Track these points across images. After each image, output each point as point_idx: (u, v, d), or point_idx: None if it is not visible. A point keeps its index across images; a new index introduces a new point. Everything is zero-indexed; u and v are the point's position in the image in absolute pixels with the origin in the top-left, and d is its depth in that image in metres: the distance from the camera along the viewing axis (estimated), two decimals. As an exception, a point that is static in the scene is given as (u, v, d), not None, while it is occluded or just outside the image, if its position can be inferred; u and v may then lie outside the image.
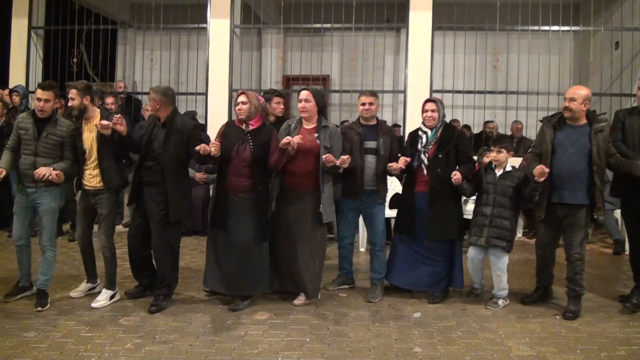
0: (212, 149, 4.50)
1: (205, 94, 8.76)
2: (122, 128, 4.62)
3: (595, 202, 4.63)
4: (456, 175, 4.76)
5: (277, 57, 9.79)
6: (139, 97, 9.40)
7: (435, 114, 4.96)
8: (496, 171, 4.91)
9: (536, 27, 8.48)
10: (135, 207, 5.01)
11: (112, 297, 4.94)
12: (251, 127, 4.75)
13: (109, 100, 7.70)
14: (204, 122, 8.43)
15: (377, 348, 4.13)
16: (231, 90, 8.68)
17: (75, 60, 8.97)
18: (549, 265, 5.00)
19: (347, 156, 4.74)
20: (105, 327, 4.46)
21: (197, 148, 4.49)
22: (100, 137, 4.69)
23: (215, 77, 8.67)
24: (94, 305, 4.81)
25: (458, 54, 8.64)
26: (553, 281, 5.09)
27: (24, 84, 8.68)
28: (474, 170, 5.03)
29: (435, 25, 8.36)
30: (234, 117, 8.66)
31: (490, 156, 4.99)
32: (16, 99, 7.42)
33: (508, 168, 4.90)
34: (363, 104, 5.09)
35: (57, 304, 4.92)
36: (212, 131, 7.31)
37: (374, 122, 5.16)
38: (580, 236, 4.69)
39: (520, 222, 7.63)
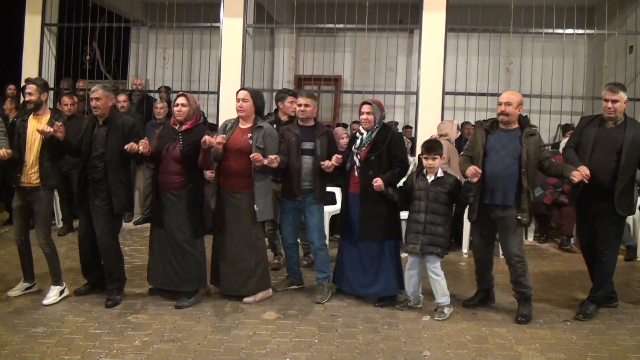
0: (141, 147, 4.66)
1: (217, 93, 8.76)
2: (60, 135, 4.71)
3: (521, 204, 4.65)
4: (377, 182, 4.72)
5: (289, 57, 9.77)
6: (153, 95, 9.41)
7: (371, 117, 4.93)
8: (428, 177, 4.83)
9: (550, 30, 8.42)
10: (80, 211, 5.05)
11: (61, 292, 4.94)
12: (184, 128, 4.86)
13: (121, 98, 7.71)
14: (215, 122, 8.44)
15: (385, 351, 4.11)
16: (243, 89, 8.65)
17: (87, 57, 8.99)
18: (488, 269, 5.00)
19: (275, 156, 4.77)
20: (114, 324, 4.47)
21: (126, 147, 4.64)
22: (45, 138, 4.77)
23: (227, 76, 8.66)
24: (45, 302, 4.81)
25: (471, 56, 8.61)
26: (494, 284, 5.09)
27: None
28: (402, 176, 4.99)
29: (448, 26, 8.31)
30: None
31: (425, 163, 4.85)
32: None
33: (439, 174, 4.83)
34: (299, 105, 5.11)
35: (66, 300, 4.94)
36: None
37: (311, 123, 5.17)
38: (516, 238, 4.70)
39: (532, 226, 7.58)
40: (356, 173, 4.95)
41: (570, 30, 8.47)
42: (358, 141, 4.99)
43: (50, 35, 9.27)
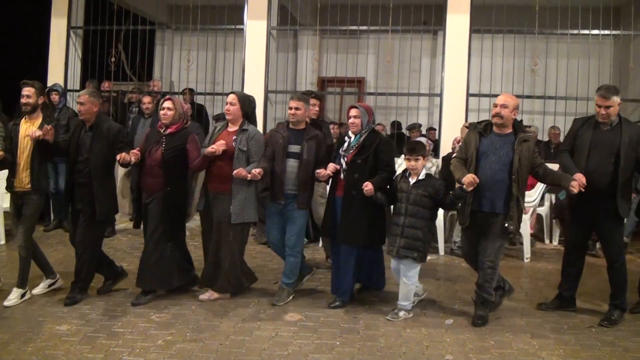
0: (132, 158, 4.77)
1: (241, 94, 8.79)
2: (49, 138, 4.80)
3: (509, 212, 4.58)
4: (368, 187, 4.66)
5: (312, 59, 9.78)
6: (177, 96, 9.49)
7: (358, 120, 4.88)
8: (410, 179, 4.76)
9: (575, 31, 8.31)
10: (71, 213, 5.15)
11: (22, 295, 4.96)
12: (168, 131, 4.94)
13: (146, 99, 7.79)
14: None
15: (407, 354, 4.09)
16: (267, 91, 8.72)
17: (113, 59, 9.10)
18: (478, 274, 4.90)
19: (259, 170, 4.78)
20: (137, 323, 4.52)
21: (118, 158, 4.76)
22: (37, 142, 4.85)
23: (251, 78, 8.71)
24: (6, 304, 4.84)
25: (496, 58, 8.53)
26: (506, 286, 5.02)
27: (62, 83, 8.84)
28: (389, 180, 4.90)
29: (472, 28, 8.25)
30: (268, 118, 8.77)
31: (407, 165, 4.79)
32: (55, 97, 7.58)
33: (422, 176, 4.74)
34: (290, 108, 5.12)
35: (90, 299, 5.01)
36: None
37: (302, 126, 5.14)
38: (495, 244, 4.62)
39: (557, 230, 7.49)
40: (342, 176, 4.93)
41: (595, 31, 8.36)
42: (345, 144, 4.97)
43: (76, 38, 9.39)
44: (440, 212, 6.77)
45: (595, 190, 4.57)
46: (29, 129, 4.88)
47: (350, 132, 4.98)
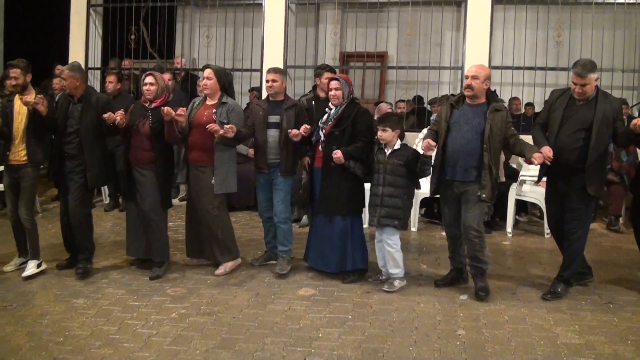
0: (118, 117, 4.80)
1: (260, 70, 8.76)
2: (42, 108, 4.85)
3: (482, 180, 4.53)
4: (337, 154, 4.69)
5: (332, 33, 9.68)
6: (197, 73, 9.50)
7: (339, 92, 4.90)
8: (386, 150, 4.77)
9: (601, 0, 8.05)
10: (60, 187, 5.24)
11: (38, 265, 5.07)
12: (153, 105, 5.02)
13: (166, 76, 7.79)
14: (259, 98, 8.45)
15: (419, 329, 4.08)
16: (286, 66, 8.66)
17: (133, 37, 9.12)
18: (459, 246, 4.85)
19: (230, 126, 4.87)
20: (152, 296, 4.59)
21: (105, 116, 4.78)
22: (31, 115, 4.92)
23: (270, 53, 8.66)
24: (24, 274, 4.95)
25: (519, 29, 8.32)
26: (466, 262, 4.88)
27: (83, 61, 8.91)
28: (366, 150, 4.88)
29: (495, -1, 8.05)
30: (288, 94, 8.72)
31: (378, 135, 4.80)
32: None
33: (397, 146, 4.75)
34: (267, 81, 5.19)
35: (107, 273, 5.11)
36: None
37: (280, 97, 5.21)
38: (475, 213, 4.58)
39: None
40: (320, 147, 4.96)
41: (622, 0, 8.08)
42: (325, 116, 5.00)
43: (96, 15, 9.43)
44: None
45: (565, 166, 4.50)
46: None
47: (330, 104, 5.00)
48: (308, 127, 4.95)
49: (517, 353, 3.73)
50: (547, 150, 4.41)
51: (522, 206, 7.32)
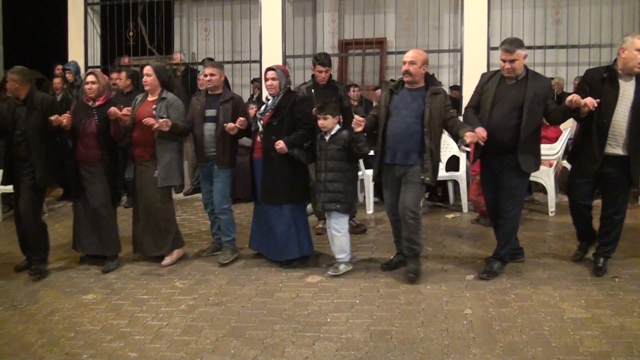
0: (64, 120, 4.88)
1: (260, 61, 8.77)
2: None
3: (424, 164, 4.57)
4: (279, 145, 4.77)
5: (330, 21, 9.67)
6: (196, 67, 9.51)
7: (275, 82, 4.97)
8: (326, 137, 4.83)
9: (599, -24, 8.01)
10: (15, 190, 5.26)
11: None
12: (97, 103, 5.11)
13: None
14: (260, 91, 8.47)
15: (426, 310, 4.11)
16: (285, 56, 8.66)
17: (131, 34, 9.14)
18: (402, 231, 4.84)
19: (164, 120, 4.95)
20: (161, 290, 4.64)
21: (51, 118, 4.86)
22: None
23: (268, 44, 8.66)
24: None
25: (517, 9, 8.29)
26: None
27: (82, 60, 8.95)
28: (308, 137, 4.95)
29: (492, -21, 8.01)
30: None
31: (318, 123, 4.86)
32: (69, 75, 7.75)
33: (334, 131, 4.82)
34: (205, 75, 5.26)
35: (118, 269, 5.15)
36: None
37: (218, 91, 5.27)
38: (413, 195, 4.60)
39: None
40: (259, 138, 5.00)
41: (620, -25, 8.04)
42: (263, 107, 5.06)
43: (93, 14, 9.44)
44: (463, 169, 6.73)
45: (499, 145, 4.52)
46: None
47: (268, 95, 5.06)
48: (243, 119, 5.00)
49: (524, 329, 3.76)
50: (481, 131, 4.42)
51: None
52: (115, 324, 4.04)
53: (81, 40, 9.32)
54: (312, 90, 5.84)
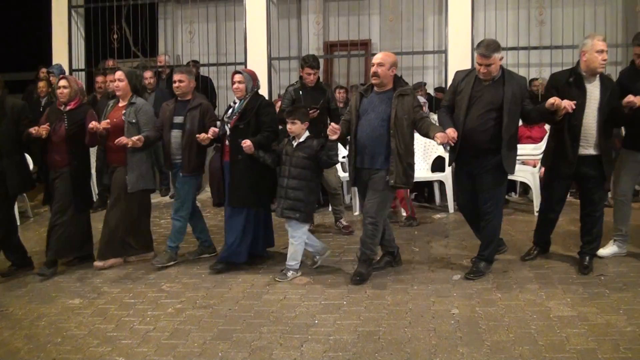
0: (43, 132, 4.90)
1: (245, 63, 8.75)
2: None
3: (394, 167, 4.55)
4: (246, 143, 4.75)
5: (315, 23, 9.68)
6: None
7: (242, 86, 4.97)
8: (293, 142, 4.84)
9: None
10: None
11: None
12: (68, 108, 5.12)
13: (147, 74, 7.83)
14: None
15: (414, 310, 4.13)
16: (270, 58, 8.66)
17: (115, 36, 9.09)
18: (385, 230, 4.87)
19: (138, 137, 5.00)
20: (148, 293, 4.61)
21: (31, 130, 4.89)
22: None
23: (253, 46, 8.65)
24: None
25: (501, 10, 8.35)
26: (396, 245, 5.02)
27: (66, 63, 8.89)
28: (272, 139, 4.97)
29: (475, -20, 8.07)
30: (273, 86, 8.74)
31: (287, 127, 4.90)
32: (53, 79, 7.71)
33: (302, 139, 4.83)
34: (174, 82, 5.23)
35: (101, 272, 5.12)
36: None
37: (188, 97, 5.24)
38: (376, 200, 4.62)
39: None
40: (227, 142, 4.99)
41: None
42: (230, 110, 5.05)
43: (77, 17, 9.38)
44: (448, 170, 6.76)
45: (477, 147, 4.54)
46: None
47: (235, 98, 5.05)
48: (216, 130, 4.99)
49: (511, 328, 3.79)
50: (452, 132, 4.43)
51: (512, 186, 7.39)
52: (102, 329, 4.00)
53: (65, 43, 9.25)
54: (300, 92, 5.85)
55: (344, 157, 5.87)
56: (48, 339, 3.89)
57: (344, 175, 6.56)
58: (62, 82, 5.15)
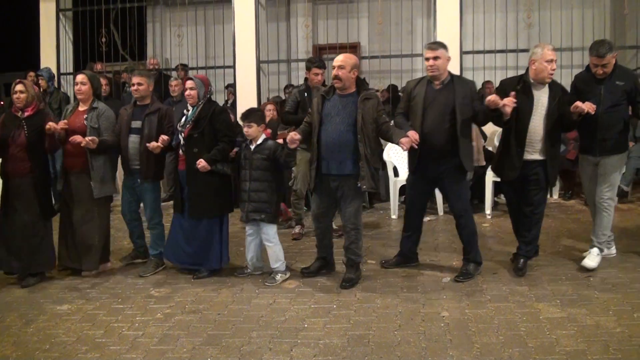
0: (61, 130, 4.85)
1: (233, 67, 8.75)
2: None
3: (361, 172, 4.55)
4: (200, 164, 4.71)
5: (304, 26, 9.69)
6: (169, 73, 9.46)
7: (194, 92, 4.86)
8: (251, 146, 4.83)
9: (569, -20, 8.13)
10: None
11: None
12: (26, 114, 4.94)
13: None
14: (234, 97, 8.44)
15: (403, 313, 4.12)
16: (259, 61, 8.65)
17: (104, 40, 9.05)
18: (326, 236, 4.91)
19: (91, 138, 4.84)
20: (136, 299, 4.58)
21: (49, 126, 4.79)
22: None
23: (242, 49, 8.65)
24: None
25: (489, 13, 8.39)
26: (333, 251, 5.01)
27: (55, 66, 8.84)
28: (227, 150, 4.89)
29: (463, -17, 8.10)
30: (262, 89, 8.73)
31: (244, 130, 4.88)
32: (42, 82, 7.65)
33: (260, 141, 4.82)
34: (132, 85, 5.14)
35: (89, 278, 5.07)
36: (241, 107, 7.35)
37: (146, 101, 5.15)
38: (353, 206, 4.64)
39: (557, 183, 7.44)
40: (181, 151, 4.92)
41: (590, -21, 8.18)
42: (183, 118, 4.95)
43: (65, 20, 9.35)
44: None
45: (434, 149, 4.60)
46: None
47: (188, 105, 4.97)
48: (166, 138, 4.91)
49: (501, 330, 3.79)
50: (413, 134, 4.46)
51: (500, 188, 7.39)
52: (90, 335, 3.96)
53: (53, 46, 9.22)
54: (305, 94, 5.82)
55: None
56: (36, 346, 3.84)
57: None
58: (19, 87, 4.96)
